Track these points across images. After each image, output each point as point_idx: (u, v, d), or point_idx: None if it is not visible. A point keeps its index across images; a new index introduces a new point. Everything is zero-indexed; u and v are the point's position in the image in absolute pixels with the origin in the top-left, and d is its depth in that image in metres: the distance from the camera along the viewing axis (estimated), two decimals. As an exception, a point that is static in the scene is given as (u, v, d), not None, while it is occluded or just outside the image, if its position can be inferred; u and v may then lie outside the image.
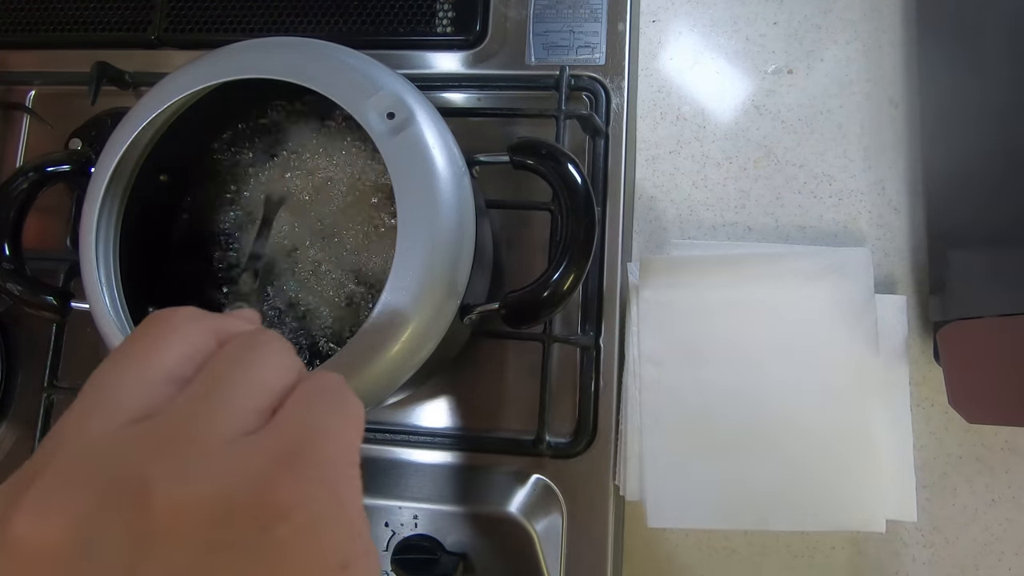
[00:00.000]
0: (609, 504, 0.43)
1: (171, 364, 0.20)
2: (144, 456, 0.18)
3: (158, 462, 0.18)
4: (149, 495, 0.17)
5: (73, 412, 0.19)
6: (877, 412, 0.43)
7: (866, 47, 0.50)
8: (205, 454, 0.18)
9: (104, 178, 0.38)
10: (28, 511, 0.17)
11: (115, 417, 0.19)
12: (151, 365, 0.20)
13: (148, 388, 0.20)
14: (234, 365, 0.20)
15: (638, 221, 0.49)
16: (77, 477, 0.18)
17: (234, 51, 0.38)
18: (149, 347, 0.20)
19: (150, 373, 0.20)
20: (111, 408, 0.19)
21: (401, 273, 0.33)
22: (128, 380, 0.20)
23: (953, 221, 0.44)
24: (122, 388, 0.19)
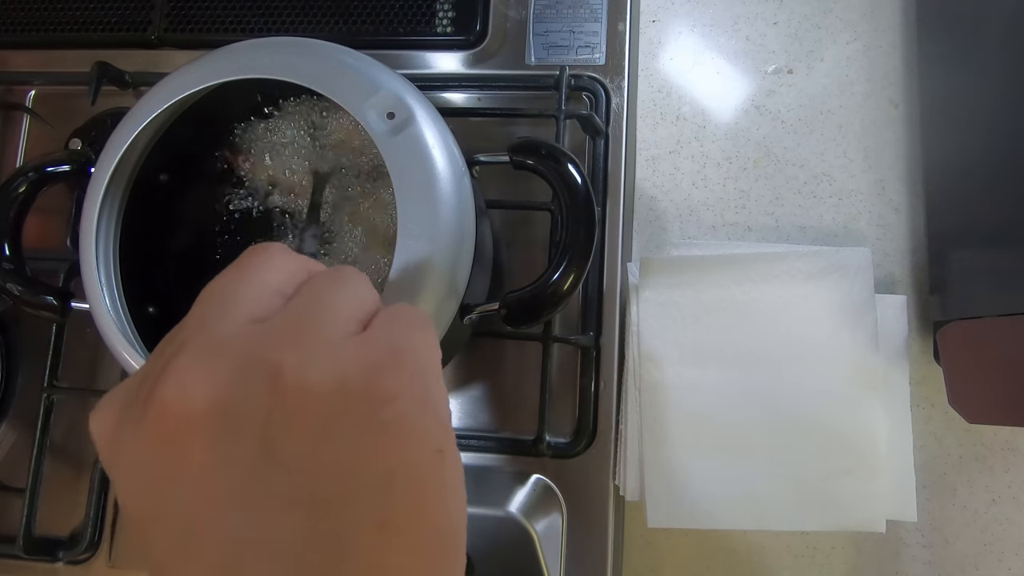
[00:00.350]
0: (609, 504, 0.43)
1: (277, 281, 0.23)
2: (272, 345, 0.20)
3: (286, 350, 0.20)
4: (281, 375, 0.19)
5: (193, 317, 0.22)
6: (877, 412, 0.43)
7: (866, 47, 0.50)
8: (324, 347, 0.20)
9: (104, 178, 0.38)
10: (173, 380, 0.19)
11: (237, 317, 0.21)
12: (262, 280, 0.23)
13: (261, 298, 0.22)
14: (331, 284, 0.23)
15: (638, 221, 0.49)
16: (216, 356, 0.20)
17: (234, 51, 0.38)
18: (257, 267, 0.23)
19: (261, 286, 0.23)
20: (232, 310, 0.21)
21: (401, 273, 0.33)
22: (243, 291, 0.22)
23: (953, 221, 0.44)
24: (239, 296, 0.22)
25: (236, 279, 0.23)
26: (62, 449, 0.49)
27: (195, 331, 0.21)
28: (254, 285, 0.23)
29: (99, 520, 0.47)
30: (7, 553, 0.47)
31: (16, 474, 0.49)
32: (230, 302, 0.22)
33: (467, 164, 0.37)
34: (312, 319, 0.21)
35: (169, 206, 0.45)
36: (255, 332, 0.21)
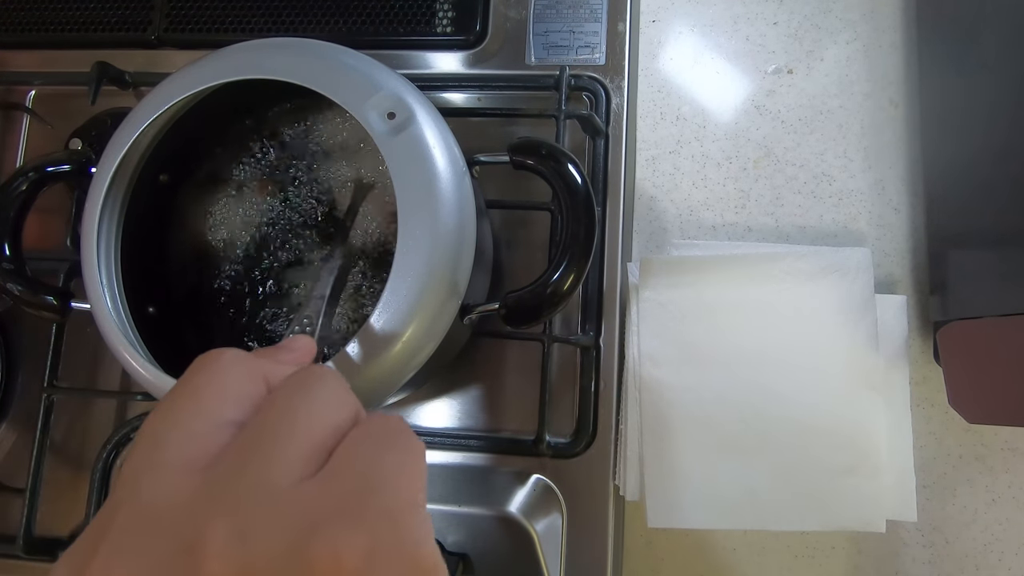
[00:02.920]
0: (609, 504, 0.43)
1: (222, 410, 0.20)
2: (201, 514, 0.17)
3: (216, 519, 0.17)
4: (207, 558, 0.16)
5: (128, 469, 0.19)
6: (877, 412, 0.43)
7: (866, 47, 0.50)
8: (263, 506, 0.17)
9: (106, 178, 0.38)
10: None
11: (169, 472, 0.18)
12: (205, 409, 0.19)
13: (201, 437, 0.19)
14: (286, 409, 0.19)
15: (638, 221, 0.49)
16: (136, 545, 0.17)
17: (235, 52, 0.38)
18: (199, 393, 0.20)
19: (204, 419, 0.19)
20: (165, 463, 0.18)
21: (401, 273, 0.33)
22: (180, 431, 0.19)
23: (953, 221, 0.44)
24: (174, 440, 0.19)
25: (173, 414, 0.19)
26: (62, 449, 0.49)
27: (126, 498, 0.18)
28: (195, 417, 0.19)
29: (99, 520, 0.47)
30: (7, 553, 0.47)
31: (16, 474, 0.49)
32: (163, 450, 0.18)
33: (467, 164, 0.37)
34: (255, 466, 0.18)
35: (170, 207, 0.45)
36: (185, 495, 0.18)
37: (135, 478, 0.18)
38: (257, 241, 0.45)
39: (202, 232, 0.46)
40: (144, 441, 0.19)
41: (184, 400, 0.20)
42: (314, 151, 0.45)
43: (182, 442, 0.19)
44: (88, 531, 0.18)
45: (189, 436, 0.19)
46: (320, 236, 0.44)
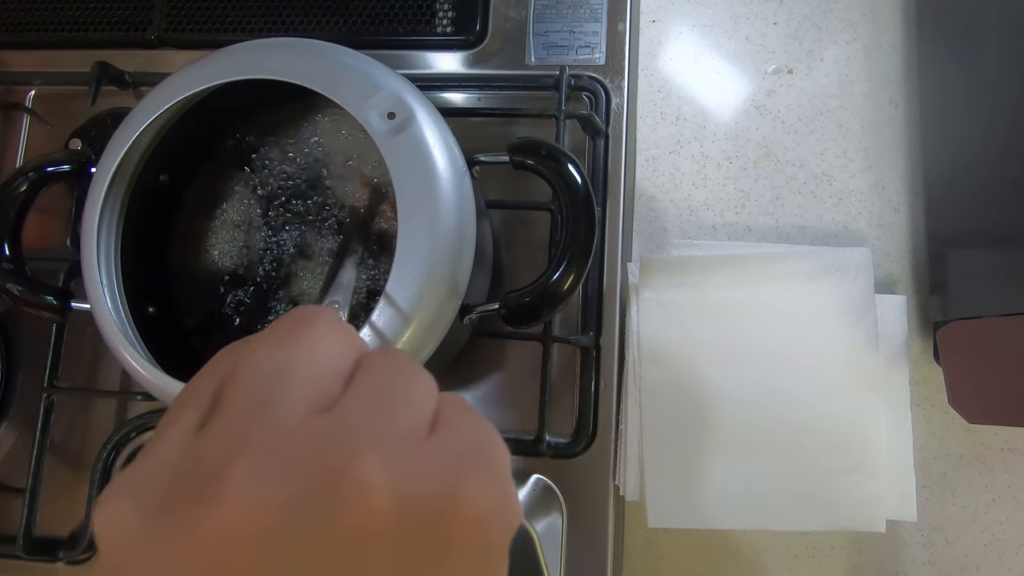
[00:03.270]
0: (609, 504, 0.43)
1: (334, 359, 0.20)
2: (348, 449, 0.18)
3: (364, 456, 0.17)
4: (362, 488, 0.17)
5: (242, 395, 0.19)
6: (877, 412, 0.43)
7: (866, 47, 0.50)
8: (405, 453, 0.18)
9: (106, 178, 0.38)
10: (239, 490, 0.16)
11: (299, 404, 0.18)
12: (319, 358, 0.20)
13: (321, 380, 0.19)
14: (396, 371, 0.20)
15: (638, 221, 0.49)
16: (285, 461, 0.17)
17: (235, 52, 0.38)
18: (311, 339, 0.20)
19: (319, 366, 0.20)
20: (292, 395, 0.19)
21: (401, 273, 0.33)
22: (300, 370, 0.19)
23: (953, 221, 0.44)
24: (296, 377, 0.19)
25: (288, 353, 0.20)
26: (62, 449, 0.49)
27: (252, 419, 0.18)
28: (312, 364, 0.20)
29: (99, 520, 0.47)
30: (7, 553, 0.47)
31: (16, 474, 0.49)
32: (287, 384, 0.19)
33: (467, 164, 0.37)
34: (387, 415, 0.19)
35: (170, 206, 0.45)
36: (323, 429, 0.18)
37: (256, 407, 0.18)
38: (257, 240, 0.45)
39: (202, 232, 0.46)
40: (255, 376, 0.19)
41: (296, 346, 0.20)
42: (314, 151, 0.45)
43: (305, 383, 0.19)
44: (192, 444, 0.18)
45: (309, 379, 0.19)
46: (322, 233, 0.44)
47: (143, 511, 0.17)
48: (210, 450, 0.18)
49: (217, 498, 0.16)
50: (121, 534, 0.17)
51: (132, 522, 0.17)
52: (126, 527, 0.17)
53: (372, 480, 0.17)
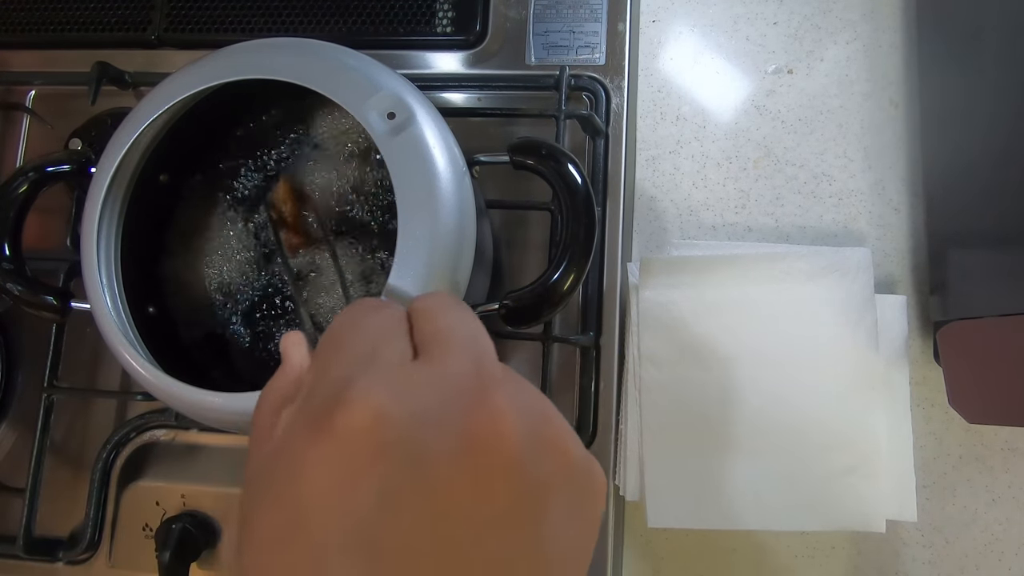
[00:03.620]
0: (609, 504, 0.43)
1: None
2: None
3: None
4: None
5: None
6: (877, 412, 0.43)
7: (866, 47, 0.50)
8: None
9: (106, 178, 0.38)
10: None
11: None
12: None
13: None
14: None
15: (638, 221, 0.49)
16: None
17: (235, 52, 0.38)
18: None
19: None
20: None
21: (401, 273, 0.33)
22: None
23: (953, 221, 0.44)
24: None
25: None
26: (62, 449, 0.49)
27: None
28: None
29: (99, 520, 0.47)
30: (7, 553, 0.47)
31: (16, 474, 0.49)
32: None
33: (467, 164, 0.37)
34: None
35: (169, 207, 0.45)
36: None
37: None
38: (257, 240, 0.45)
39: (202, 232, 0.46)
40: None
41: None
42: (315, 151, 0.45)
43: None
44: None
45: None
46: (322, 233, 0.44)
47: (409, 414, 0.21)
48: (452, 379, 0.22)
49: (494, 414, 0.21)
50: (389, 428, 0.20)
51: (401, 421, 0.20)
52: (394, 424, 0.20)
53: (553, 415, 0.23)
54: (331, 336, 0.25)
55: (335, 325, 0.25)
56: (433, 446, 0.20)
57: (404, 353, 0.23)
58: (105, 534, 0.47)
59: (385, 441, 0.20)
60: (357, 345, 0.23)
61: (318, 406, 0.21)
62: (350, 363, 0.22)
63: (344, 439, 0.20)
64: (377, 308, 0.26)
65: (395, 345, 0.23)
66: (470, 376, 0.22)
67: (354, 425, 0.20)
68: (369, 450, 0.20)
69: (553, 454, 0.22)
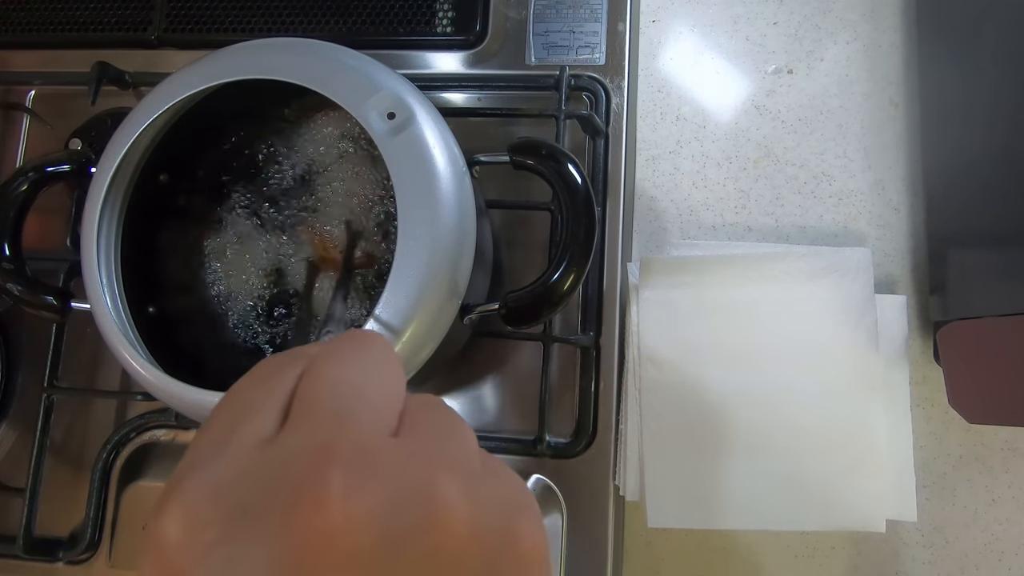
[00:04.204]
0: (609, 504, 0.43)
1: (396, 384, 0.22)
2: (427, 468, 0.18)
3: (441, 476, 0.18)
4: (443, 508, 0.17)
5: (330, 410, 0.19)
6: (877, 412, 0.43)
7: (866, 47, 0.50)
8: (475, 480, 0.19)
9: (106, 178, 0.38)
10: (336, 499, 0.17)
11: (377, 422, 0.19)
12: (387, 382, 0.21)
13: (389, 403, 0.21)
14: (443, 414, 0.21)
15: (638, 221, 0.49)
16: (374, 473, 0.18)
17: (235, 52, 0.38)
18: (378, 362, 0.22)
19: (388, 390, 0.21)
20: (370, 413, 0.20)
21: (401, 273, 0.33)
22: (373, 391, 0.21)
23: (953, 221, 0.44)
24: (371, 396, 0.20)
25: (362, 374, 0.21)
26: (62, 449, 0.49)
27: (337, 430, 0.18)
28: (381, 389, 0.21)
29: (99, 520, 0.47)
30: (7, 553, 0.47)
31: (16, 474, 0.49)
32: (365, 402, 0.20)
33: (467, 164, 0.37)
34: (449, 448, 0.20)
35: (170, 207, 0.45)
36: (402, 449, 0.19)
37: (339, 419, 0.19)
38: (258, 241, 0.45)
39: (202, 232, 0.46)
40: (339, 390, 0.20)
41: (366, 366, 0.21)
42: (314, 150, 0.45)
43: (378, 403, 0.20)
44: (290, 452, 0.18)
45: (382, 400, 0.20)
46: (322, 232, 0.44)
47: (225, 513, 0.17)
48: (296, 456, 0.18)
49: (317, 504, 0.16)
50: (199, 536, 0.17)
51: (213, 524, 0.17)
52: (205, 529, 0.17)
53: (456, 504, 0.18)
54: (212, 410, 0.21)
55: (223, 395, 0.21)
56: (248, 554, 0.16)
57: (264, 428, 0.19)
58: (105, 534, 0.47)
59: (197, 552, 0.16)
60: (220, 421, 0.20)
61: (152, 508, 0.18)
62: (200, 446, 0.19)
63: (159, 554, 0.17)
64: (267, 370, 0.21)
65: (257, 419, 0.19)
66: (314, 449, 0.18)
67: (165, 538, 0.17)
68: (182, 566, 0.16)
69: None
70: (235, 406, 0.20)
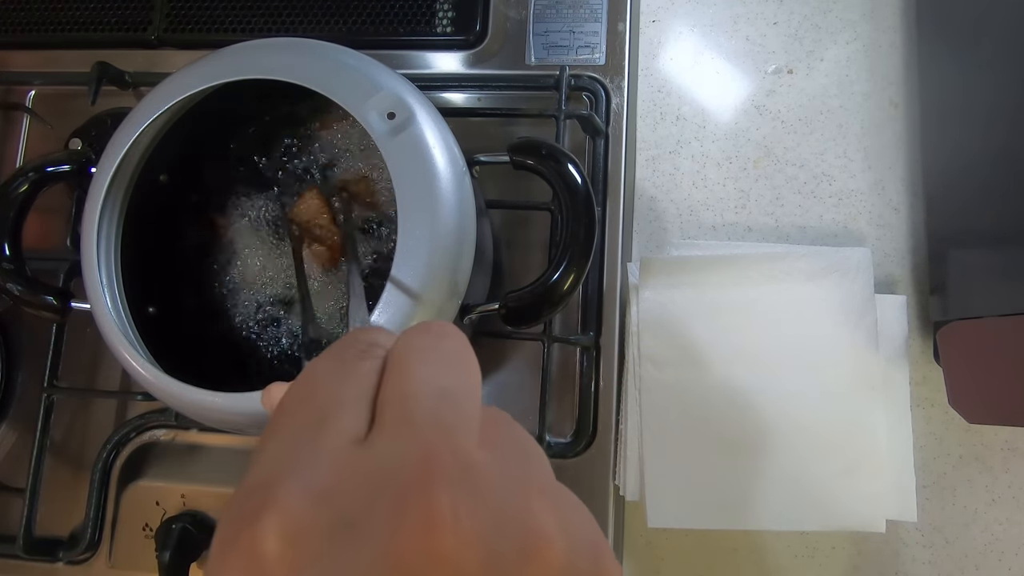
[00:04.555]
0: (609, 504, 0.43)
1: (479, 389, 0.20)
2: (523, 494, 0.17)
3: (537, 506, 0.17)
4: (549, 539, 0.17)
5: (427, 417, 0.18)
6: (877, 412, 0.43)
7: (866, 47, 0.50)
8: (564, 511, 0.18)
9: (106, 178, 0.38)
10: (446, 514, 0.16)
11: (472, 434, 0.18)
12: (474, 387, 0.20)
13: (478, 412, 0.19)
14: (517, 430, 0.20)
15: (638, 221, 0.49)
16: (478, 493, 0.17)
17: (235, 52, 0.38)
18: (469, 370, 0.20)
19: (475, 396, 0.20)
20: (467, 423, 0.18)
21: (402, 273, 0.33)
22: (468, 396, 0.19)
23: (953, 221, 0.44)
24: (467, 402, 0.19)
25: (455, 377, 0.19)
26: (62, 449, 0.49)
27: (435, 439, 0.17)
28: (472, 394, 0.19)
29: (99, 520, 0.47)
30: (7, 553, 0.47)
31: (16, 474, 0.49)
32: (459, 410, 0.18)
33: (467, 164, 0.37)
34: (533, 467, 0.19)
35: (170, 206, 0.45)
36: (496, 465, 0.17)
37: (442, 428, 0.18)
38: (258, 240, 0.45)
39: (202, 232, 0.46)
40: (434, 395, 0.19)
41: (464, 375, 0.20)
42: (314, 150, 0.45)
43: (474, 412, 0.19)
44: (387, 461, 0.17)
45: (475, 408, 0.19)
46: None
47: (328, 525, 0.16)
48: (398, 466, 0.16)
49: (428, 523, 0.15)
50: (302, 550, 0.15)
51: (316, 536, 0.16)
52: (308, 541, 0.16)
53: (555, 535, 0.17)
54: (283, 401, 0.19)
55: (292, 384, 0.20)
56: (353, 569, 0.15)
57: (355, 428, 0.18)
58: (105, 534, 0.47)
59: (298, 566, 0.15)
60: (302, 416, 0.18)
61: (235, 514, 0.17)
62: (286, 446, 0.18)
63: (254, 568, 0.16)
64: (344, 360, 0.20)
65: (346, 417, 0.18)
66: (419, 461, 0.16)
67: (263, 551, 0.15)
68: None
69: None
70: (316, 399, 0.19)
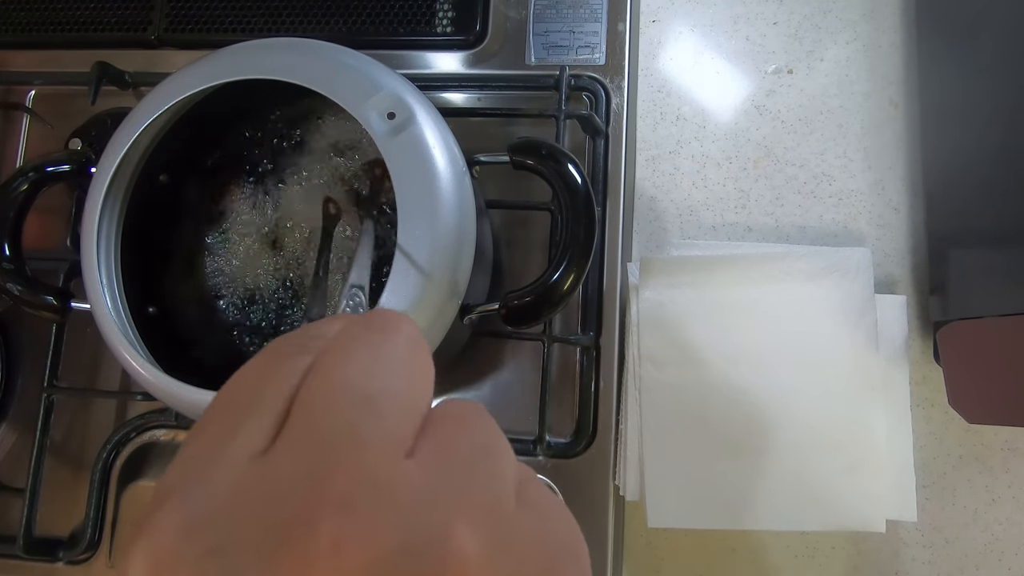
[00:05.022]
0: (609, 504, 0.43)
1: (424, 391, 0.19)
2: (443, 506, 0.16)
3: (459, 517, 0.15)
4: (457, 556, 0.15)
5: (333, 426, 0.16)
6: (877, 412, 0.43)
7: (866, 47, 0.50)
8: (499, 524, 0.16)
9: (106, 178, 0.38)
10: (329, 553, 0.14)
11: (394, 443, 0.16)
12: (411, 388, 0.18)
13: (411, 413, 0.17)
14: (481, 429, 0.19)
15: (638, 221, 0.49)
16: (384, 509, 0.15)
17: (235, 52, 0.38)
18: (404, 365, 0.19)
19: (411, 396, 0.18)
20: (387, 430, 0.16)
21: (402, 274, 0.33)
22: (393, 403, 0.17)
23: (953, 221, 0.44)
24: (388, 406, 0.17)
25: (379, 376, 0.17)
26: (62, 449, 0.49)
27: (339, 455, 0.15)
28: (401, 395, 0.17)
29: (99, 520, 0.47)
30: (7, 553, 0.47)
31: (16, 474, 0.49)
32: (378, 416, 0.16)
33: (467, 164, 0.37)
34: (478, 476, 0.17)
35: (170, 206, 0.45)
36: (416, 481, 0.16)
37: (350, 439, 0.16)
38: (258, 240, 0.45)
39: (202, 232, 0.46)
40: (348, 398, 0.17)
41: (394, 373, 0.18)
42: (314, 150, 0.45)
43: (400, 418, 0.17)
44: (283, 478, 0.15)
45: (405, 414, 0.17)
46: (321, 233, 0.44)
47: (197, 557, 0.14)
48: (288, 485, 0.15)
49: (303, 558, 0.14)
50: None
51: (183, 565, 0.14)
52: (171, 570, 0.14)
53: (473, 558, 0.15)
54: (212, 400, 0.18)
55: (227, 382, 0.18)
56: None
57: (258, 440, 0.16)
58: (105, 534, 0.47)
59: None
60: (216, 421, 0.17)
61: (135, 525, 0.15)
62: (190, 454, 0.16)
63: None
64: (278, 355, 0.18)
65: (253, 425, 0.16)
66: (308, 483, 0.15)
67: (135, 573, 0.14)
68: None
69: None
70: (231, 404, 0.17)
